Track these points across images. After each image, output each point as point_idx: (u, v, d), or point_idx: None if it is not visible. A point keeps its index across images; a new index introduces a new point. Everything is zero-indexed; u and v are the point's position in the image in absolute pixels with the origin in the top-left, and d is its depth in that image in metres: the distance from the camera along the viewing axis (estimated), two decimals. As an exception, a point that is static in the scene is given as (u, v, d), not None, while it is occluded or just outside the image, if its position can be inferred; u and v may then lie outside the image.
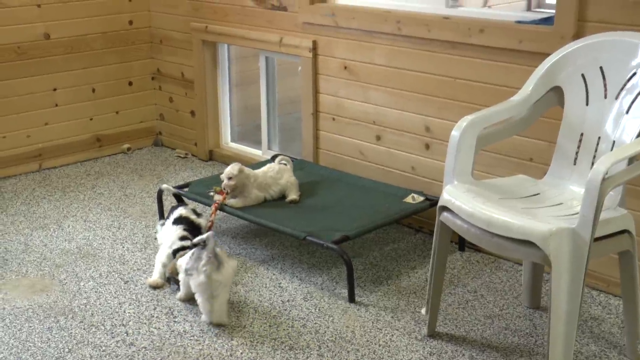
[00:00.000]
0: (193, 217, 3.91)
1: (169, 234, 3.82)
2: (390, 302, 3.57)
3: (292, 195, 4.13)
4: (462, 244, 4.07)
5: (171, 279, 3.68)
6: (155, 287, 3.71)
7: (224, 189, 4.09)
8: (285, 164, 4.25)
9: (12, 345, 3.26)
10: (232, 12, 5.04)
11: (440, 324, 3.38)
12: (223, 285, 3.34)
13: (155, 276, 3.75)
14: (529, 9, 7.33)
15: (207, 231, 3.84)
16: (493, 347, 3.22)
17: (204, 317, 3.40)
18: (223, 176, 4.10)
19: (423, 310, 3.36)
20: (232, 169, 4.06)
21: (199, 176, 5.11)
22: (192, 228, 3.84)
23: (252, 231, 4.32)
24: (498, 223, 2.82)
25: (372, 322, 3.41)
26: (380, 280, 3.79)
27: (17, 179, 5.17)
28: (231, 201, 4.06)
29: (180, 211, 3.92)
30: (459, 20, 3.88)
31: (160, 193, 4.40)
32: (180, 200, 4.17)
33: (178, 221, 3.87)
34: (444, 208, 3.08)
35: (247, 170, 4.10)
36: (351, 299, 3.59)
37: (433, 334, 3.31)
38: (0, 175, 5.16)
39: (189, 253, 3.45)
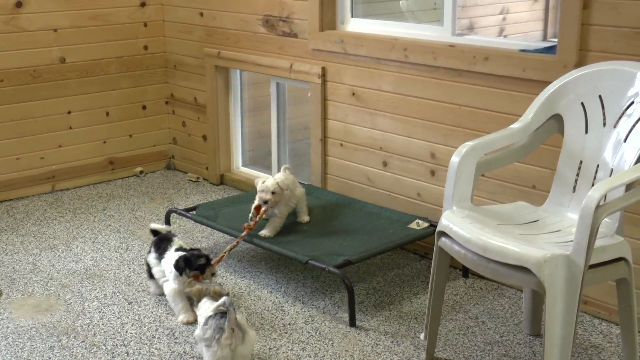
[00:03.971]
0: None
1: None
2: (391, 327, 3.59)
3: (304, 216, 4.18)
4: (465, 270, 4.07)
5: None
6: (189, 322, 3.62)
7: (265, 205, 3.94)
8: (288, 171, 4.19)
9: (14, 363, 3.32)
10: (244, 38, 5.11)
11: (440, 349, 3.39)
12: (249, 356, 3.11)
13: (183, 313, 3.64)
14: (544, 39, 7.37)
15: (217, 262, 3.80)
16: (491, 373, 3.23)
17: None
18: (263, 193, 3.94)
19: (422, 336, 3.37)
20: (272, 185, 3.95)
21: (209, 200, 5.16)
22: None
23: (257, 255, 4.35)
24: (494, 249, 2.83)
25: (372, 347, 3.42)
26: (382, 305, 3.80)
27: (29, 200, 5.25)
28: (263, 232, 3.99)
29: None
30: (464, 48, 3.91)
31: (168, 215, 4.45)
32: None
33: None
34: (442, 233, 3.10)
35: (291, 180, 4.11)
36: (352, 323, 3.60)
37: (432, 359, 3.32)
38: (14, 196, 5.24)
39: (207, 307, 3.15)
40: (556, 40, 3.59)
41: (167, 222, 4.46)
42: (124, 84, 5.61)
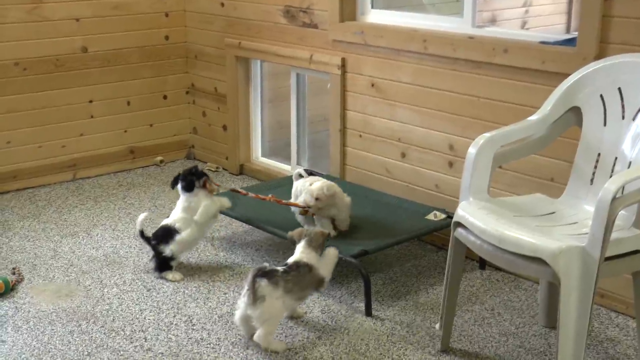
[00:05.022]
0: None
1: None
2: (407, 317, 3.60)
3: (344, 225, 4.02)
4: (482, 262, 4.08)
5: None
6: None
7: (307, 208, 3.88)
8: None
9: (34, 347, 3.36)
10: (264, 29, 5.13)
11: (455, 340, 3.40)
12: (262, 321, 3.25)
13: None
14: (568, 32, 7.34)
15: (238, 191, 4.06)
16: (506, 364, 3.24)
17: None
18: (307, 196, 3.84)
19: (437, 326, 3.39)
20: (323, 189, 3.81)
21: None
22: None
23: (275, 244, 4.37)
24: (509, 240, 2.84)
25: (387, 336, 3.44)
26: (398, 295, 3.82)
27: (51, 187, 5.30)
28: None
29: None
30: (483, 40, 3.92)
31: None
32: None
33: None
34: (459, 224, 3.11)
35: (338, 190, 3.88)
36: (368, 312, 3.62)
37: (446, 350, 3.33)
38: (36, 184, 5.30)
39: None
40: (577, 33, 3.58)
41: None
42: (145, 74, 5.65)
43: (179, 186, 4.10)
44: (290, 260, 3.42)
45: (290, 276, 3.30)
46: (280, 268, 3.32)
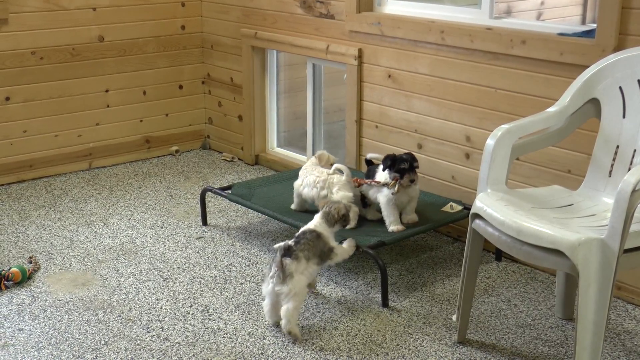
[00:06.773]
0: None
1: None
2: (423, 308, 3.60)
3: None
4: (499, 254, 4.08)
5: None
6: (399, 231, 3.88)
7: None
8: (339, 173, 4.05)
9: (52, 335, 3.37)
10: (281, 19, 5.12)
11: (471, 331, 3.40)
12: (291, 295, 3.29)
13: (394, 225, 3.89)
14: (583, 24, 7.29)
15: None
16: (522, 356, 3.23)
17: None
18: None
19: (454, 317, 3.38)
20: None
21: (243, 179, 5.19)
22: None
23: (292, 235, 4.36)
24: (528, 231, 2.83)
25: (404, 327, 3.44)
26: (415, 286, 3.82)
27: (67, 176, 5.32)
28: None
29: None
30: (501, 31, 3.90)
31: (203, 194, 4.49)
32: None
33: None
34: (476, 215, 3.10)
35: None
36: (384, 303, 3.62)
37: (463, 341, 3.33)
38: (52, 173, 5.32)
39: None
40: (595, 24, 3.57)
41: (202, 201, 4.50)
42: (161, 64, 5.66)
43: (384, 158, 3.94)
44: (299, 231, 3.50)
45: (302, 244, 3.38)
46: (291, 242, 3.40)
